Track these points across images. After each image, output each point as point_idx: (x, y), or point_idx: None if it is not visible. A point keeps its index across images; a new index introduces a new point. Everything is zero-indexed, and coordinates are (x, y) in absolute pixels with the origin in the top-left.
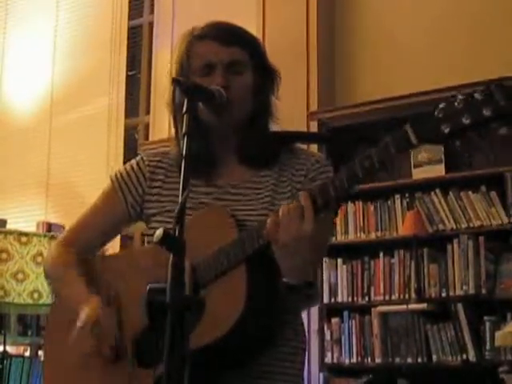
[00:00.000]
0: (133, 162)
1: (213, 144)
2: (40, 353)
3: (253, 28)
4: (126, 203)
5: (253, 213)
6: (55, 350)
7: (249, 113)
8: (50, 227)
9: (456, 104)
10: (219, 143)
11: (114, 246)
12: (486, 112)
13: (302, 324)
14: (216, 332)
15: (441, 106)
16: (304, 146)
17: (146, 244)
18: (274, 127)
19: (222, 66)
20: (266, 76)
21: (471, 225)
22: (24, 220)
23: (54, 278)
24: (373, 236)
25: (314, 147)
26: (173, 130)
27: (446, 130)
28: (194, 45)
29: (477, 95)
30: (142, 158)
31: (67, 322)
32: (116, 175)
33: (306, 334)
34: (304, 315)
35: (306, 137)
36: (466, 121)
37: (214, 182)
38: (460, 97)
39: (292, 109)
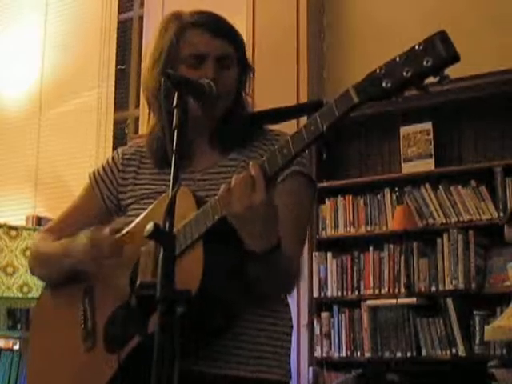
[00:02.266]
0: (109, 157)
1: (187, 133)
2: None
3: (243, 20)
4: (103, 197)
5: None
6: (41, 343)
7: (228, 107)
8: (39, 221)
9: (397, 59)
10: (194, 132)
11: None
12: (427, 63)
13: (287, 312)
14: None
15: (384, 63)
16: (276, 126)
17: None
18: None
19: (212, 58)
20: (246, 72)
21: (461, 219)
22: (13, 214)
23: (38, 258)
24: (362, 230)
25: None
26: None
27: (388, 85)
28: (186, 31)
29: (418, 47)
30: (117, 152)
31: (53, 313)
32: (93, 172)
33: (294, 327)
34: (293, 309)
35: (292, 110)
36: (406, 74)
37: (185, 170)
38: (401, 53)
39: (282, 99)
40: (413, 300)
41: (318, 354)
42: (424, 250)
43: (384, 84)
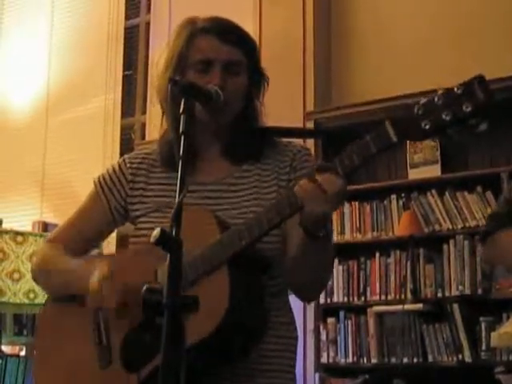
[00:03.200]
0: (115, 164)
1: (196, 141)
2: None
3: (249, 28)
4: (110, 207)
5: (237, 210)
6: (47, 352)
7: (238, 114)
8: (45, 227)
9: (436, 100)
10: (202, 140)
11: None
12: (467, 108)
13: (294, 322)
14: (204, 329)
15: (421, 102)
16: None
17: (132, 245)
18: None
19: (219, 64)
20: (258, 81)
21: (467, 225)
22: (19, 219)
23: (45, 270)
24: (369, 236)
25: (310, 144)
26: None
27: (427, 127)
28: (196, 37)
29: (457, 90)
30: (123, 160)
31: (60, 321)
32: (99, 179)
33: (300, 333)
34: (300, 315)
35: (296, 132)
36: (446, 117)
37: (195, 179)
38: (439, 93)
39: (289, 109)
40: (419, 306)
41: (324, 360)
42: (430, 255)
43: (423, 125)
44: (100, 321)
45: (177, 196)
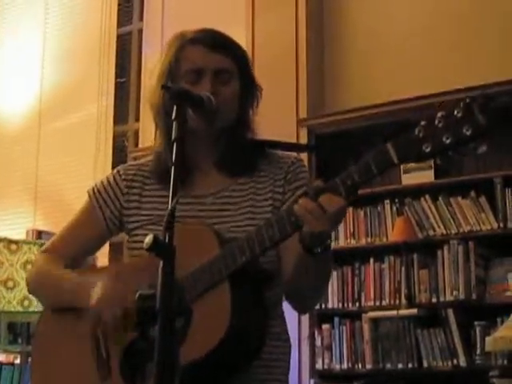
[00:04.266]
0: (109, 175)
1: (189, 151)
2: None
3: (242, 35)
4: (105, 219)
5: (232, 223)
6: (44, 363)
7: (231, 123)
8: (39, 234)
9: (436, 122)
10: (196, 151)
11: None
12: (467, 131)
13: (287, 333)
14: (204, 346)
15: (421, 123)
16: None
17: (127, 257)
18: (262, 135)
19: (210, 72)
20: (250, 89)
21: (461, 230)
22: (13, 227)
23: (42, 282)
24: (363, 242)
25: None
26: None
27: (428, 150)
28: (185, 49)
29: (456, 113)
30: (118, 172)
31: (58, 331)
32: (93, 190)
33: (295, 339)
34: (295, 321)
35: (286, 146)
36: (446, 140)
37: (191, 192)
38: (440, 114)
39: (282, 115)
40: (414, 311)
41: (319, 366)
42: (424, 261)
43: (424, 148)
44: (99, 333)
45: (169, 202)
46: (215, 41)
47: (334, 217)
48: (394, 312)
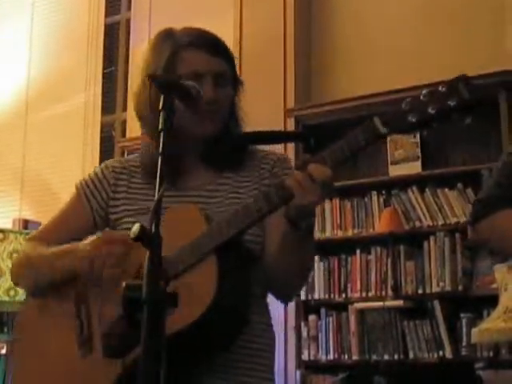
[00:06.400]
0: (97, 169)
1: (177, 148)
2: None
3: (230, 26)
4: (91, 209)
5: (218, 215)
6: (27, 345)
7: (223, 124)
8: (26, 224)
9: (422, 97)
10: (184, 147)
11: None
12: (451, 102)
13: (271, 324)
14: (189, 317)
15: (407, 99)
16: (267, 147)
17: None
18: (250, 125)
19: (210, 76)
20: (237, 87)
21: (448, 222)
22: None
23: (32, 262)
24: (349, 233)
25: (291, 145)
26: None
27: (413, 120)
28: (183, 51)
29: (441, 89)
30: (106, 165)
31: (41, 316)
32: (81, 182)
33: (281, 330)
34: (281, 312)
35: (280, 136)
36: (431, 111)
37: (176, 186)
38: (425, 91)
39: (269, 106)
40: (400, 303)
41: (305, 357)
42: (411, 252)
43: (410, 118)
44: (82, 311)
45: (156, 192)
46: (212, 44)
47: (322, 186)
48: (381, 303)
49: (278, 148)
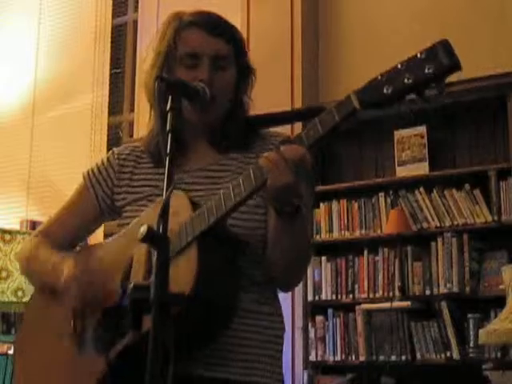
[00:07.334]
0: (103, 157)
1: (184, 132)
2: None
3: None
4: (97, 197)
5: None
6: (29, 342)
7: (227, 109)
8: (33, 225)
9: (399, 66)
10: (191, 131)
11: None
12: (428, 70)
13: (280, 314)
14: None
15: (386, 70)
16: (276, 129)
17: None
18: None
19: (207, 58)
20: (246, 75)
21: (455, 223)
22: (6, 218)
23: (31, 265)
24: (357, 234)
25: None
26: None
27: (389, 92)
28: (183, 31)
29: (419, 54)
30: (112, 152)
31: (44, 312)
32: (88, 172)
33: (288, 331)
34: (288, 312)
35: (287, 116)
36: (407, 81)
37: (182, 168)
38: (403, 60)
39: (276, 107)
40: (407, 304)
41: (312, 357)
42: (418, 253)
43: (385, 90)
44: (77, 311)
45: (164, 193)
46: (214, 25)
47: (294, 165)
48: (388, 304)
49: (286, 128)
